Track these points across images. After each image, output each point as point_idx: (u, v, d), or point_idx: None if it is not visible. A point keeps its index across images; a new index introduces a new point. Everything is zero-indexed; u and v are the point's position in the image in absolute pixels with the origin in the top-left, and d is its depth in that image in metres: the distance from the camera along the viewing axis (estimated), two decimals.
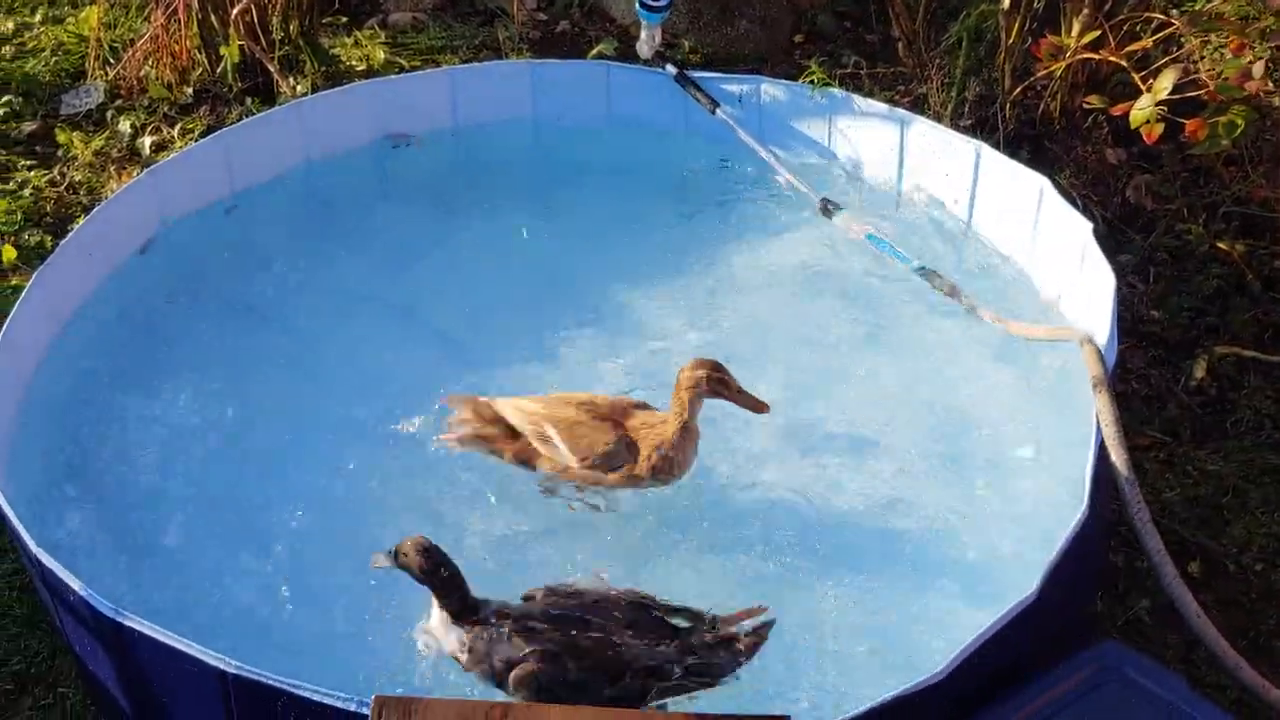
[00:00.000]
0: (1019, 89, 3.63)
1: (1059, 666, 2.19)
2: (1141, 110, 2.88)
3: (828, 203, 3.35)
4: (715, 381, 2.56)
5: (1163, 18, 3.32)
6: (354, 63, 4.17)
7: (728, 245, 3.35)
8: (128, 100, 4.03)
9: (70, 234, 3.05)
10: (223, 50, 3.93)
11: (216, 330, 3.11)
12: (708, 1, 4.16)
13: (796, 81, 3.50)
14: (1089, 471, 2.37)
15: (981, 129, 3.66)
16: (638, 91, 3.59)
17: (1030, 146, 3.67)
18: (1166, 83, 2.85)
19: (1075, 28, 3.42)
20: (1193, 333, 3.26)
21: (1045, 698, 2.16)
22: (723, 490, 2.71)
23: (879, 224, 3.34)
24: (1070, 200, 3.07)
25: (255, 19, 3.87)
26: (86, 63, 4.12)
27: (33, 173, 3.78)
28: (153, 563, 2.58)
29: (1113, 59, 3.24)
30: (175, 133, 3.88)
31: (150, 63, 4.01)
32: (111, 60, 4.11)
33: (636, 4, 3.52)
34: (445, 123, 3.61)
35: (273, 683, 2.02)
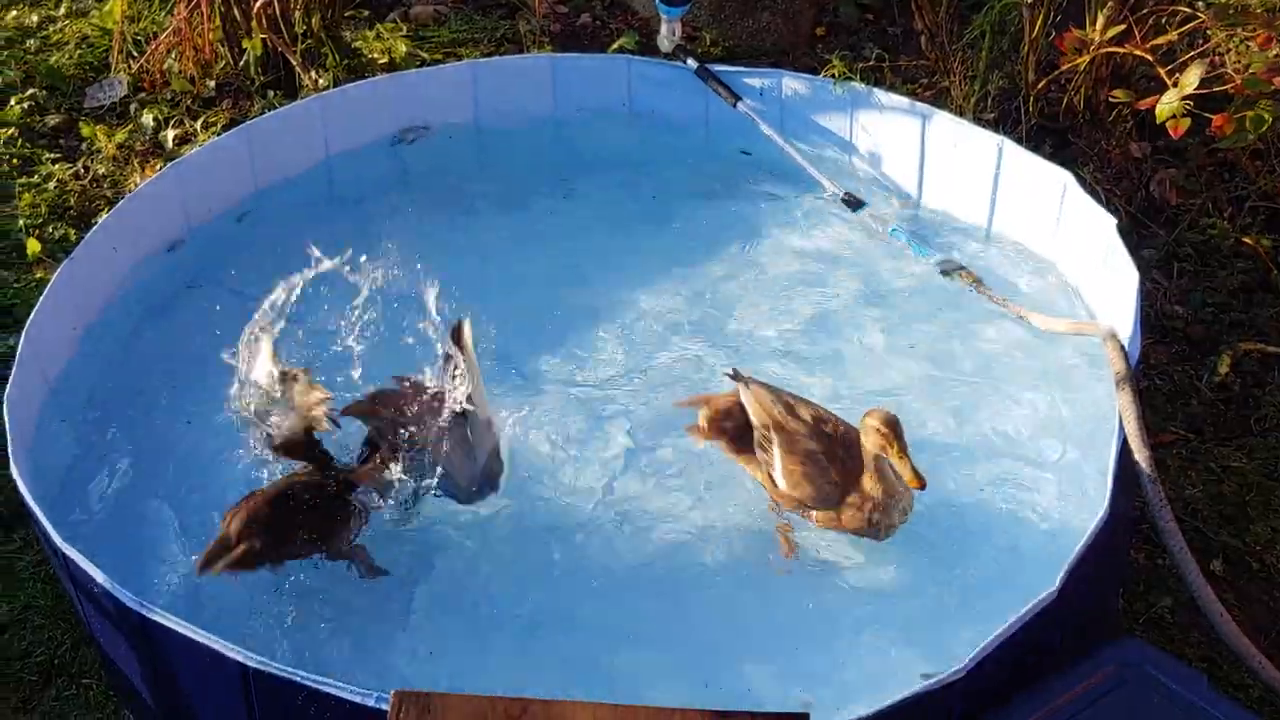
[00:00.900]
0: (1042, 83, 3.61)
1: (1080, 664, 2.18)
2: (1168, 105, 2.87)
3: (851, 196, 3.34)
4: (882, 437, 2.44)
5: (1188, 10, 3.30)
6: (376, 56, 4.17)
7: (750, 240, 3.34)
8: (151, 93, 4.05)
9: (94, 227, 3.07)
10: (245, 44, 3.94)
11: (239, 323, 3.11)
12: None
13: (818, 75, 3.49)
14: (1111, 468, 2.35)
15: (1004, 123, 3.64)
16: (659, 85, 3.59)
17: (1053, 141, 3.65)
18: (1193, 77, 2.83)
19: (1099, 21, 3.39)
20: (1216, 329, 3.24)
21: (1066, 695, 2.14)
22: (742, 478, 2.71)
23: (900, 218, 3.33)
24: (1093, 195, 3.05)
25: (277, 12, 3.88)
26: (110, 56, 4.13)
27: (57, 166, 3.80)
28: (177, 556, 2.59)
29: (1138, 53, 3.22)
30: (198, 126, 3.89)
31: (173, 56, 4.02)
32: (135, 54, 4.13)
33: None
34: (467, 116, 3.61)
35: (293, 678, 2.03)
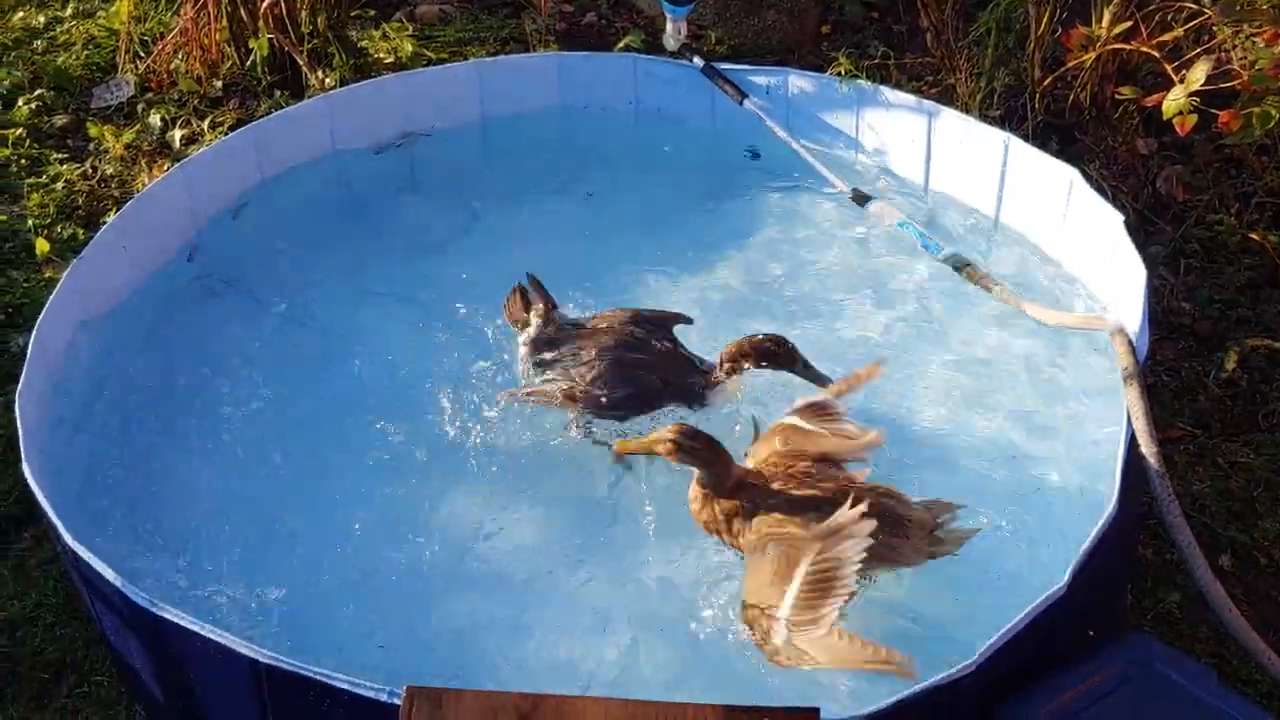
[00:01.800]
0: (1048, 80, 3.61)
1: (1089, 659, 2.19)
2: (1174, 101, 2.87)
3: (859, 192, 3.34)
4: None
5: (1194, 6, 3.30)
6: (382, 55, 4.18)
7: (758, 237, 3.35)
8: (158, 94, 4.06)
9: (103, 227, 3.08)
10: (252, 44, 3.95)
11: (248, 323, 3.13)
12: None
13: (824, 73, 3.50)
14: (1119, 464, 2.36)
15: (1010, 120, 3.64)
16: (665, 84, 3.60)
17: (1059, 137, 3.65)
18: (1199, 74, 2.83)
19: (1105, 17, 3.39)
20: (1223, 325, 3.24)
21: (1075, 691, 2.15)
22: None
23: (908, 216, 3.33)
24: (1100, 191, 3.05)
25: (284, 12, 3.89)
26: (117, 56, 4.15)
27: (64, 166, 3.81)
28: (187, 554, 2.60)
29: (1144, 49, 3.22)
30: (205, 126, 3.90)
31: (180, 56, 4.03)
32: (141, 54, 4.14)
33: None
34: (473, 115, 3.62)
35: (305, 673, 2.04)
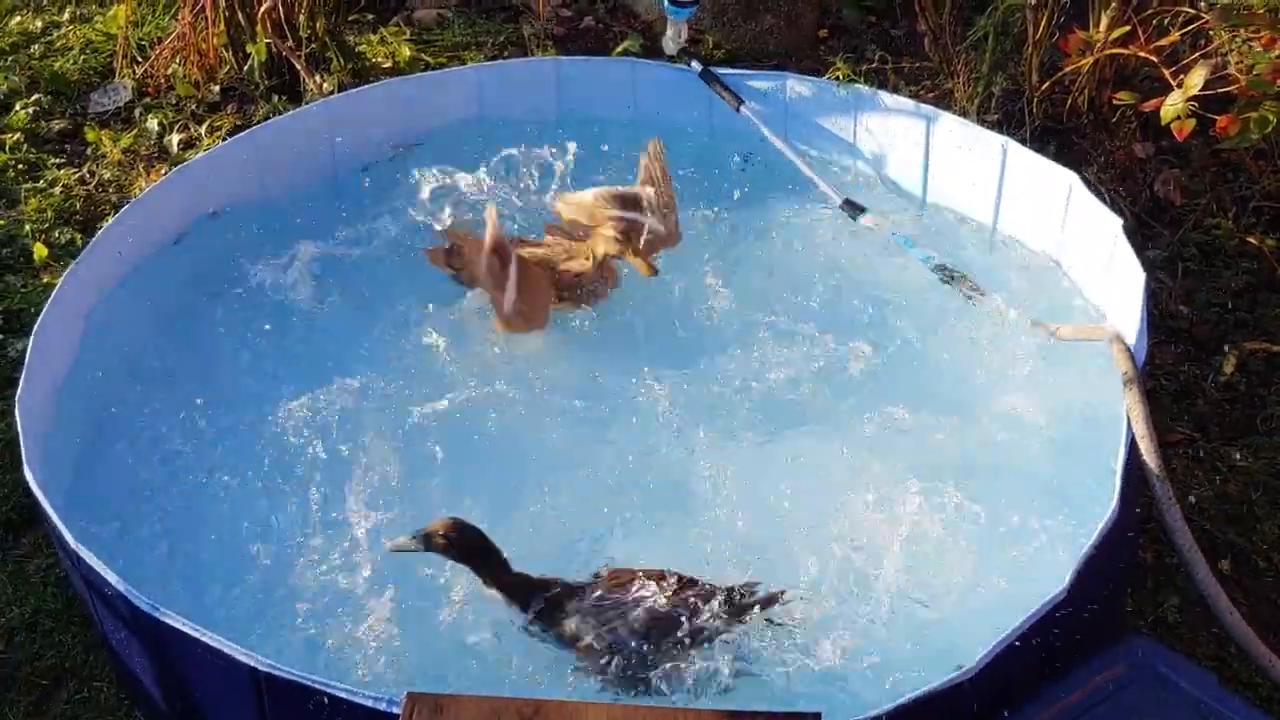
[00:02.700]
0: (1046, 84, 3.62)
1: (1089, 663, 2.19)
2: (1172, 106, 2.87)
3: (850, 203, 3.33)
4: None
5: (1191, 11, 3.30)
6: (380, 60, 4.19)
7: (753, 243, 3.34)
8: (155, 98, 4.06)
9: (100, 232, 3.08)
10: (249, 48, 3.95)
11: (247, 328, 3.13)
12: None
13: (822, 77, 3.50)
14: (1119, 468, 2.36)
15: (1008, 124, 3.65)
16: (663, 88, 3.60)
17: (1057, 141, 3.65)
18: (1197, 79, 2.84)
19: (1103, 22, 3.40)
20: (1222, 328, 3.25)
21: (1075, 695, 2.15)
22: (748, 480, 2.72)
23: (904, 221, 3.33)
24: (1098, 196, 3.06)
25: (282, 17, 3.89)
26: (114, 61, 4.15)
27: (62, 171, 3.81)
28: (187, 557, 2.60)
29: (1142, 54, 3.23)
30: (203, 131, 3.90)
31: (178, 61, 4.03)
32: (139, 58, 4.14)
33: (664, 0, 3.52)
34: (471, 119, 3.62)
35: (304, 681, 2.03)
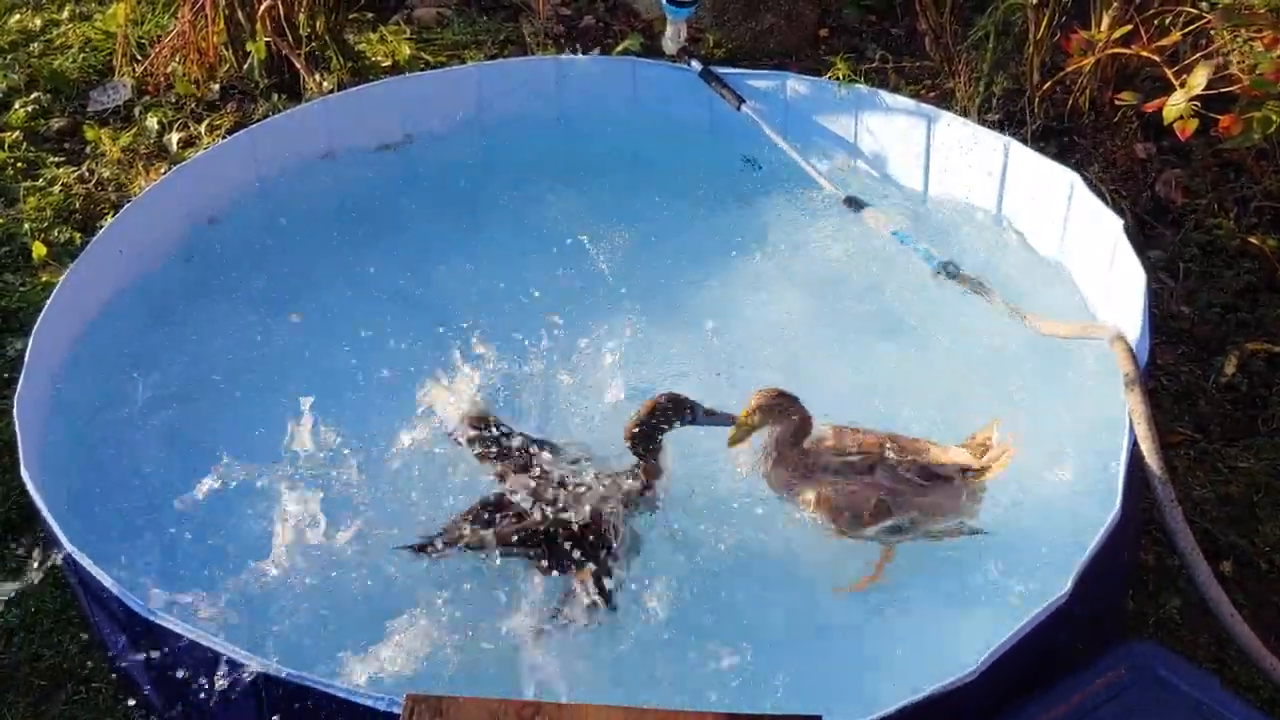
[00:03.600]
0: (1047, 83, 3.61)
1: (1091, 665, 2.18)
2: (1175, 106, 2.87)
3: (853, 198, 3.33)
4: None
5: (1193, 11, 3.30)
6: (379, 58, 4.18)
7: (753, 242, 3.34)
8: (155, 97, 4.05)
9: (100, 231, 3.07)
10: (249, 47, 3.95)
11: (246, 327, 3.12)
12: None
13: (822, 77, 3.49)
14: (1121, 470, 2.36)
15: (1009, 124, 3.65)
16: (663, 87, 3.59)
17: (1058, 142, 3.65)
18: (1200, 79, 2.83)
19: (1105, 21, 3.40)
20: (1223, 329, 3.24)
21: (1077, 697, 2.14)
22: (748, 490, 2.71)
23: (906, 220, 3.32)
24: (1099, 195, 3.05)
25: (281, 15, 3.88)
26: (114, 59, 4.14)
27: (61, 169, 3.80)
28: (185, 558, 2.59)
29: (1144, 54, 3.22)
30: (202, 129, 3.89)
31: (177, 59, 4.02)
32: (139, 57, 4.13)
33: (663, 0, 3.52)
34: (471, 118, 3.62)
35: (303, 681, 2.03)
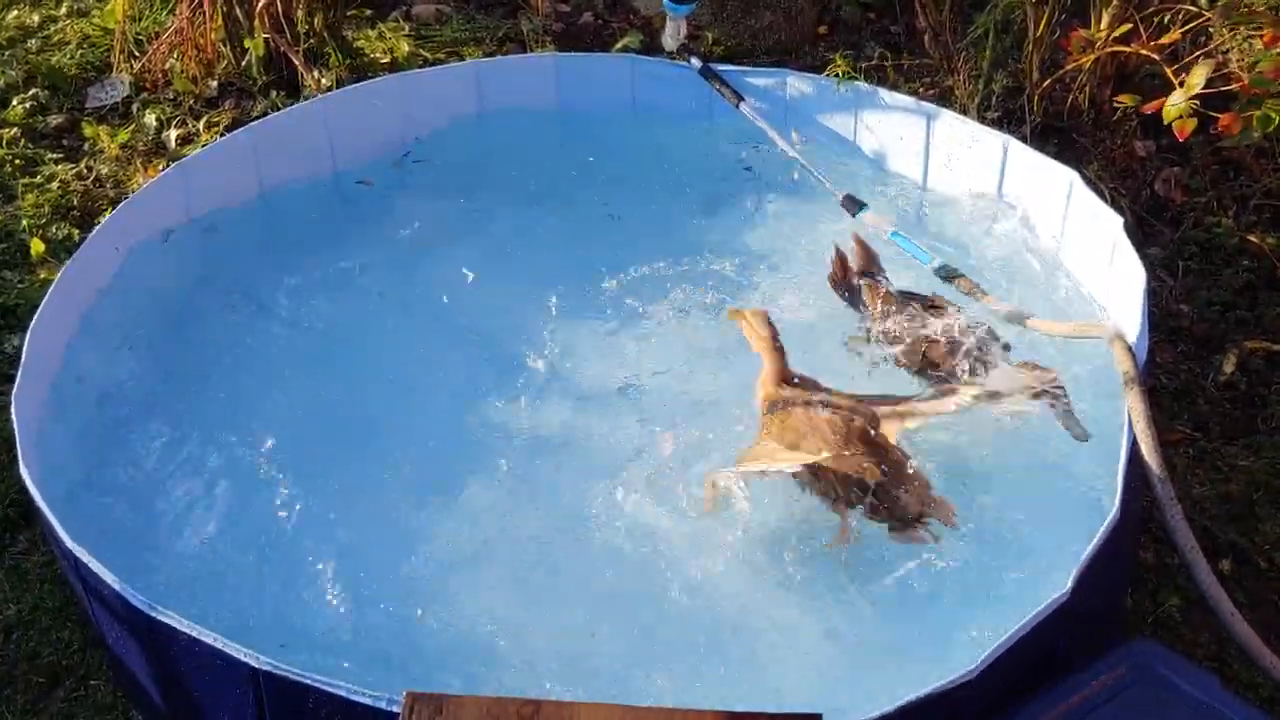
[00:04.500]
0: (1046, 81, 3.61)
1: (1091, 664, 2.18)
2: (1175, 106, 2.86)
3: (851, 199, 3.33)
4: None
5: (1192, 9, 3.29)
6: (378, 55, 4.17)
7: (753, 241, 3.34)
8: (153, 93, 4.04)
9: (97, 227, 3.07)
10: (247, 43, 3.94)
11: (244, 324, 3.12)
12: None
13: (821, 74, 3.49)
14: (1121, 469, 2.35)
15: (1008, 122, 3.64)
16: (663, 85, 3.59)
17: (1058, 139, 3.65)
18: (1199, 78, 2.83)
19: (1104, 19, 3.39)
20: (1222, 327, 3.24)
21: (1077, 696, 2.14)
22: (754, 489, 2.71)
23: (904, 218, 3.32)
24: (1098, 193, 3.05)
25: (280, 12, 3.88)
26: (112, 56, 4.13)
27: (59, 166, 3.80)
28: (184, 556, 2.59)
29: (1143, 52, 3.22)
30: (201, 126, 3.89)
31: (175, 56, 4.02)
32: (137, 53, 4.12)
33: None
34: (470, 116, 3.62)
35: (303, 679, 2.03)
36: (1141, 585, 2.67)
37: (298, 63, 3.92)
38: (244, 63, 4.00)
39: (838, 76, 3.45)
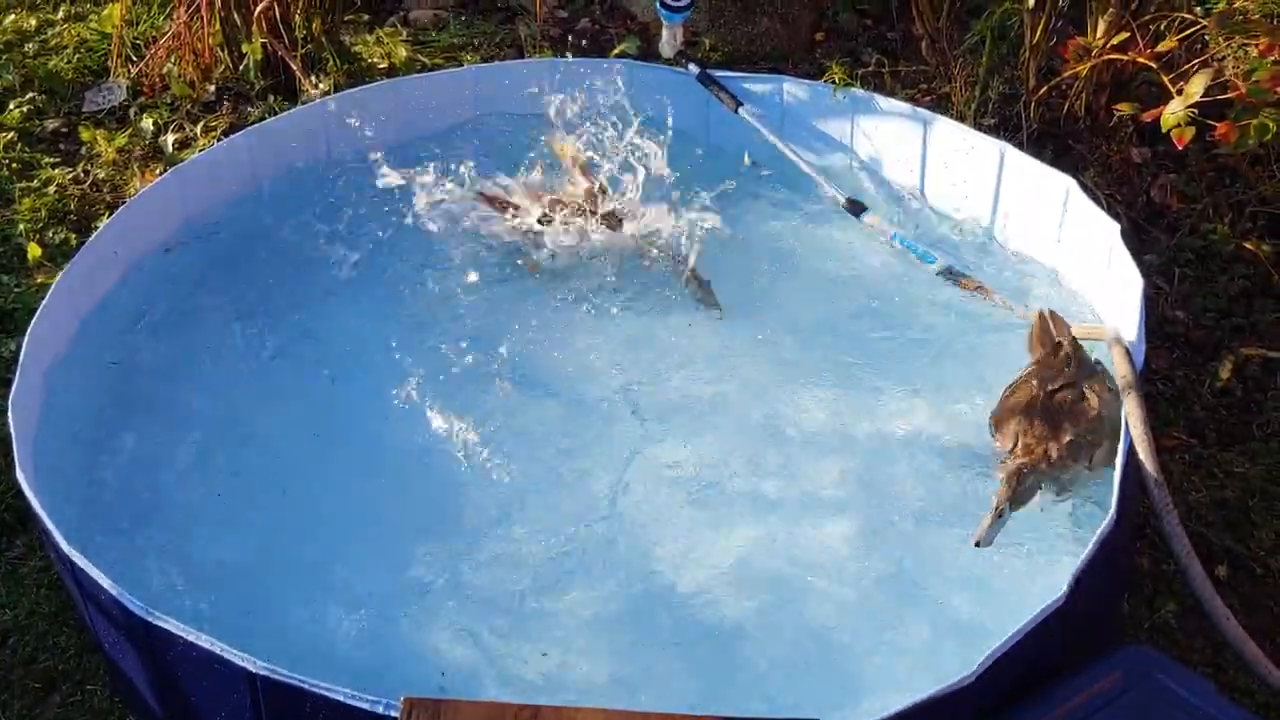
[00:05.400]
0: (1043, 88, 3.62)
1: (1087, 670, 2.19)
2: (1174, 115, 2.87)
3: (853, 202, 3.34)
4: None
5: (1189, 17, 3.30)
6: (375, 60, 4.17)
7: (752, 245, 3.34)
8: (150, 98, 4.04)
9: (95, 232, 3.06)
10: (245, 48, 3.94)
11: (242, 330, 3.12)
12: None
13: (818, 80, 3.50)
14: (1118, 474, 2.36)
15: (1005, 128, 3.65)
16: (660, 91, 3.59)
17: (1054, 146, 3.65)
18: (1198, 87, 2.83)
19: (1101, 27, 3.40)
20: (1218, 334, 3.25)
21: (1073, 702, 2.15)
22: (748, 496, 2.71)
23: (902, 224, 3.33)
24: (1094, 200, 3.06)
25: (278, 16, 3.88)
26: (109, 60, 4.13)
27: (56, 170, 3.79)
28: (179, 560, 2.59)
29: (1140, 60, 3.23)
30: (198, 130, 3.88)
31: (173, 60, 4.01)
32: (134, 58, 4.12)
33: (657, 4, 3.51)
34: (467, 120, 3.62)
35: (300, 684, 2.02)
36: (1137, 591, 2.68)
37: (295, 67, 3.92)
38: (241, 67, 4.00)
39: (834, 82, 3.45)
